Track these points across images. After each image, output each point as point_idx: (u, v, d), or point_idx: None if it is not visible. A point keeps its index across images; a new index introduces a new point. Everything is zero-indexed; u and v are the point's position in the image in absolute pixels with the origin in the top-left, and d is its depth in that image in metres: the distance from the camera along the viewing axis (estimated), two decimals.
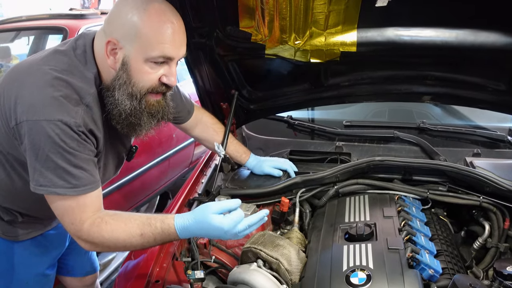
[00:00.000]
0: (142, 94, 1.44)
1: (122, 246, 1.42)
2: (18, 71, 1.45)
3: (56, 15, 4.28)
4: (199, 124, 2.10)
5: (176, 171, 4.40)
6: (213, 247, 1.77)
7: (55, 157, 1.32)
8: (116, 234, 1.39)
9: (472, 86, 2.07)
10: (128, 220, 1.41)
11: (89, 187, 1.39)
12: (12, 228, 1.67)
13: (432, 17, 1.83)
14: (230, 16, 1.89)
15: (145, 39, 1.36)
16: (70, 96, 1.37)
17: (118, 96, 1.43)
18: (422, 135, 2.49)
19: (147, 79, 1.42)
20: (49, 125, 1.30)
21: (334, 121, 2.66)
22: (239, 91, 2.28)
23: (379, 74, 2.13)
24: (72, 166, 1.35)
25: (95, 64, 1.45)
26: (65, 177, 1.34)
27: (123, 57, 1.40)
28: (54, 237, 1.85)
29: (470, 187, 1.91)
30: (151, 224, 1.41)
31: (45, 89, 1.34)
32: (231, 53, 2.06)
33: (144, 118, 1.48)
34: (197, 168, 2.32)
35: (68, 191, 1.35)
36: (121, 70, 1.41)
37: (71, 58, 1.44)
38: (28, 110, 1.32)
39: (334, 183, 2.01)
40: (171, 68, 1.45)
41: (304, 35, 1.92)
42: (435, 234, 1.75)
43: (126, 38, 1.38)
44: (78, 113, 1.36)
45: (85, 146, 1.39)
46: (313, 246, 1.68)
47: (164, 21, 1.38)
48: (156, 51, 1.38)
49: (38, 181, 1.35)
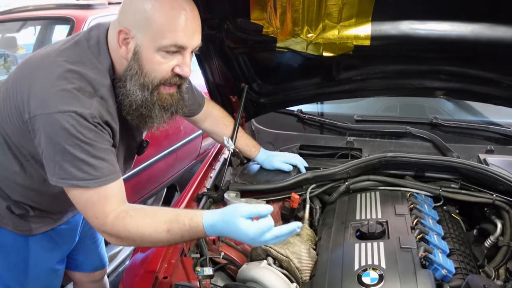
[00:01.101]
0: (154, 85, 1.41)
1: (148, 241, 1.38)
2: (31, 64, 1.44)
3: (63, 5, 4.25)
4: (209, 117, 2.07)
5: (183, 164, 4.39)
6: (222, 243, 1.75)
7: (73, 149, 1.30)
8: (142, 229, 1.35)
9: (486, 81, 2.03)
10: (154, 215, 1.38)
11: (110, 177, 1.37)
12: (23, 222, 1.66)
13: (447, 11, 1.79)
14: (241, 7, 1.86)
15: (156, 27, 1.34)
16: (84, 88, 1.35)
17: (129, 86, 1.41)
18: (434, 131, 2.45)
19: (159, 69, 1.39)
20: (63, 117, 1.28)
21: (345, 116, 2.62)
22: (249, 84, 2.25)
23: (392, 68, 2.10)
24: (91, 156, 1.32)
25: (109, 55, 1.43)
26: (85, 169, 1.32)
27: (134, 46, 1.37)
28: (64, 232, 1.84)
29: (483, 185, 1.87)
30: (179, 221, 1.36)
31: (58, 82, 1.32)
32: (242, 45, 2.04)
33: (155, 110, 1.45)
34: (205, 162, 2.29)
35: (89, 183, 1.33)
36: (132, 60, 1.39)
37: (84, 50, 1.42)
38: (42, 104, 1.31)
39: (345, 179, 1.98)
40: (184, 58, 1.41)
41: (317, 28, 1.88)
42: (447, 233, 1.72)
43: (137, 26, 1.35)
44: (92, 105, 1.35)
45: (102, 136, 1.37)
46: (324, 243, 1.65)
47: (175, 8, 1.35)
48: (167, 39, 1.35)
49: (59, 175, 1.34)
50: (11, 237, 1.66)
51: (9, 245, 1.68)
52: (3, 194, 1.60)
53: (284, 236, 1.38)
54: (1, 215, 1.63)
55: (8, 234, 1.65)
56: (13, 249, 1.69)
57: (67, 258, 1.94)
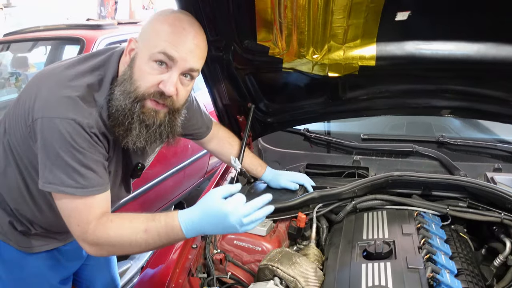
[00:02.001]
0: (137, 94, 1.40)
1: (128, 244, 1.38)
2: (42, 74, 1.49)
3: (73, 26, 4.33)
4: (215, 138, 2.09)
5: (191, 182, 4.40)
6: (229, 263, 1.75)
7: (65, 155, 1.33)
8: (121, 230, 1.37)
9: (493, 100, 2.03)
10: (132, 217, 1.40)
11: (97, 188, 1.39)
12: (25, 239, 1.67)
13: (452, 31, 1.80)
14: (248, 29, 1.88)
15: (153, 36, 1.40)
16: (86, 98, 1.38)
17: (117, 91, 1.43)
18: (441, 149, 2.45)
19: (145, 79, 1.40)
20: (61, 123, 1.32)
21: (351, 134, 2.63)
22: (256, 104, 2.27)
23: (398, 87, 2.10)
24: (82, 165, 1.35)
25: (118, 65, 1.48)
26: (74, 176, 1.34)
27: (134, 54, 1.43)
28: (69, 252, 1.85)
29: (491, 204, 1.86)
30: (155, 219, 1.37)
31: (63, 89, 1.37)
32: (248, 66, 2.05)
33: (134, 123, 1.43)
34: (213, 181, 2.31)
35: (76, 191, 1.35)
36: (128, 65, 1.43)
37: (93, 62, 1.47)
38: (44, 107, 1.35)
39: (352, 198, 1.98)
40: (171, 76, 1.41)
41: (322, 49, 1.90)
42: (455, 252, 1.71)
43: (142, 36, 1.44)
44: (92, 114, 1.38)
45: (96, 148, 1.39)
46: (331, 263, 1.65)
47: (177, 25, 1.41)
48: (158, 47, 1.38)
49: (47, 178, 1.36)
50: (14, 253, 1.68)
51: (13, 260, 1.69)
52: (7, 208, 1.62)
53: (261, 211, 1.40)
54: (4, 231, 1.65)
55: (11, 250, 1.67)
56: (16, 264, 1.70)
57: (76, 277, 1.95)
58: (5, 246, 1.66)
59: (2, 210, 1.63)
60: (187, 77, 1.46)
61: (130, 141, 1.46)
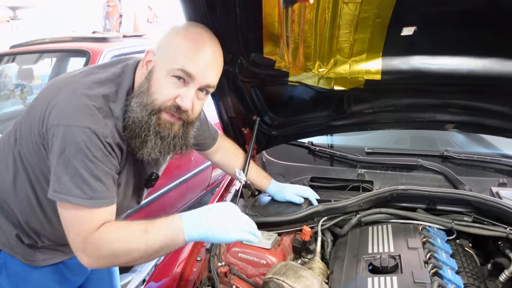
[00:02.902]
0: (154, 107, 1.42)
1: (126, 248, 1.37)
2: (56, 83, 1.49)
3: (79, 38, 4.37)
4: (220, 150, 2.10)
5: (194, 194, 4.40)
6: (234, 275, 1.75)
7: (77, 163, 1.32)
8: (120, 234, 1.37)
9: (497, 115, 2.04)
10: (131, 222, 1.41)
11: (104, 201, 1.38)
12: (32, 252, 1.66)
13: (458, 46, 1.82)
14: (254, 43, 1.89)
15: (173, 49, 1.42)
16: (103, 108, 1.39)
17: (133, 102, 1.44)
18: (445, 163, 2.45)
19: (162, 93, 1.42)
20: (77, 131, 1.32)
21: (355, 148, 2.63)
22: (261, 117, 2.27)
23: (403, 102, 2.11)
24: (92, 176, 1.34)
25: (133, 76, 1.49)
26: (82, 187, 1.34)
27: (152, 66, 1.44)
28: (74, 266, 1.83)
29: (497, 218, 1.86)
30: (156, 220, 1.39)
31: (80, 97, 1.37)
32: (254, 79, 2.06)
33: (151, 135, 1.45)
34: (217, 194, 2.31)
35: (82, 201, 1.34)
36: (146, 78, 1.44)
37: (108, 73, 1.49)
38: (61, 115, 1.35)
39: (357, 211, 1.98)
40: (189, 91, 1.43)
41: (328, 62, 1.91)
42: (461, 267, 1.70)
43: (160, 49, 1.45)
44: (107, 125, 1.39)
45: (109, 159, 1.39)
46: (336, 277, 1.64)
47: (197, 41, 1.43)
48: (177, 63, 1.40)
49: (54, 187, 1.36)
50: (20, 266, 1.66)
51: (18, 273, 1.68)
52: (14, 221, 1.61)
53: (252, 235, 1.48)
54: (10, 244, 1.64)
55: (17, 263, 1.66)
56: (21, 278, 1.69)
57: None
58: (11, 260, 1.65)
59: (10, 223, 1.62)
60: (203, 92, 1.49)
61: (145, 153, 1.47)
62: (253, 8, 1.72)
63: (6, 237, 1.63)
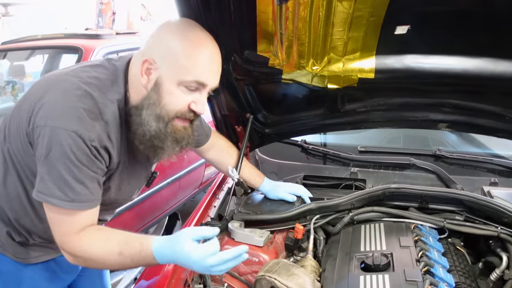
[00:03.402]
0: (169, 117, 1.44)
1: (101, 262, 1.41)
2: (46, 80, 1.48)
3: (71, 35, 4.34)
4: (214, 147, 2.09)
5: (186, 192, 4.38)
6: (226, 273, 1.74)
7: (60, 167, 1.32)
8: (95, 249, 1.40)
9: (490, 114, 2.05)
10: (108, 236, 1.42)
11: (86, 204, 1.39)
12: (23, 249, 1.65)
13: (451, 45, 1.82)
14: (248, 40, 1.89)
15: (182, 62, 1.39)
16: (91, 110, 1.37)
17: (145, 115, 1.43)
18: (438, 163, 2.46)
19: (176, 103, 1.43)
20: (63, 134, 1.31)
21: (348, 146, 2.63)
22: (254, 115, 2.27)
23: (396, 100, 2.12)
24: (75, 179, 1.34)
25: (125, 83, 1.46)
26: (65, 189, 1.34)
27: (157, 77, 1.41)
28: (65, 263, 1.81)
29: (488, 217, 1.87)
30: (130, 243, 1.39)
31: (68, 98, 1.35)
32: (248, 77, 2.06)
33: (168, 142, 1.47)
34: (209, 191, 2.30)
35: (63, 204, 1.35)
36: (152, 90, 1.42)
37: (100, 74, 1.46)
38: (48, 116, 1.34)
39: (349, 210, 1.98)
40: (201, 96, 1.46)
41: (322, 60, 1.91)
42: (452, 265, 1.71)
43: (163, 59, 1.40)
44: (94, 127, 1.37)
45: (94, 162, 1.38)
46: (329, 275, 1.64)
47: (203, 48, 1.41)
48: (190, 75, 1.39)
49: (38, 187, 1.36)
50: (11, 265, 1.65)
51: (9, 272, 1.67)
52: (5, 218, 1.60)
53: (232, 262, 1.36)
54: (1, 242, 1.62)
55: (8, 262, 1.65)
56: (12, 277, 1.68)
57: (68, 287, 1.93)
58: (1, 258, 1.64)
59: (0, 221, 1.61)
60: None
61: (163, 158, 1.53)
62: (247, 6, 1.71)
63: None
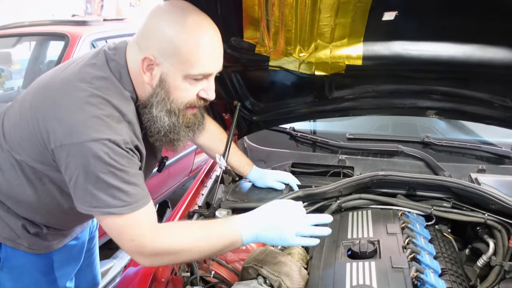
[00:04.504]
0: (180, 110, 1.43)
1: (188, 250, 1.40)
2: (51, 89, 1.39)
3: (58, 22, 4.30)
4: (206, 132, 2.05)
5: (176, 180, 4.38)
6: (213, 261, 1.74)
7: (107, 177, 1.28)
8: (182, 237, 1.40)
9: (478, 101, 2.05)
10: (189, 223, 1.51)
11: (142, 202, 1.36)
12: (38, 240, 1.64)
13: (439, 32, 1.81)
14: (234, 27, 1.87)
15: (184, 56, 1.34)
16: (112, 114, 1.33)
17: (156, 113, 1.41)
18: (426, 150, 2.46)
19: (185, 96, 1.41)
20: (96, 146, 1.26)
21: (337, 134, 2.63)
22: (242, 102, 2.26)
23: (384, 87, 2.11)
24: (125, 183, 1.31)
25: (130, 79, 1.42)
26: (119, 196, 1.30)
27: (160, 73, 1.37)
28: (74, 249, 1.84)
29: (475, 204, 1.88)
30: (214, 222, 1.48)
31: (86, 108, 1.30)
32: (235, 64, 2.04)
33: (182, 132, 1.47)
34: (197, 179, 2.29)
35: (122, 210, 1.31)
36: (158, 87, 1.38)
37: (106, 73, 1.39)
38: (71, 132, 1.28)
39: (337, 197, 1.98)
40: (209, 83, 1.43)
41: (309, 47, 1.90)
42: (439, 252, 1.72)
43: (163, 54, 1.35)
44: (123, 130, 1.34)
45: (134, 161, 1.36)
46: (315, 263, 1.64)
47: (202, 37, 1.36)
48: (196, 68, 1.36)
49: (90, 203, 1.31)
50: (25, 258, 1.64)
51: (23, 266, 1.65)
52: (16, 215, 1.58)
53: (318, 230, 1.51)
54: (16, 235, 1.60)
55: (22, 255, 1.63)
56: (26, 270, 1.66)
57: None
58: (13, 253, 1.62)
59: (13, 216, 1.58)
60: None
61: (179, 147, 1.54)
62: None
63: (10, 229, 1.58)
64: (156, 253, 1.37)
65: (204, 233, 1.42)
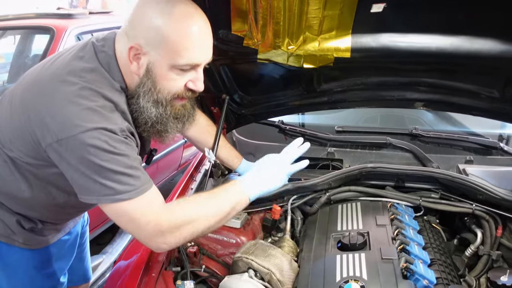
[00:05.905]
0: (167, 100, 1.41)
1: (203, 215, 1.42)
2: (41, 84, 1.37)
3: (43, 15, 4.22)
4: (196, 125, 2.04)
5: (164, 174, 4.36)
6: (204, 256, 1.74)
7: (109, 164, 1.27)
8: (191, 205, 1.43)
9: (465, 93, 2.06)
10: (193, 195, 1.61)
11: (149, 183, 1.36)
12: (33, 235, 1.62)
13: (427, 24, 1.81)
14: (222, 19, 1.85)
15: (171, 46, 1.32)
16: (105, 105, 1.32)
17: (143, 103, 1.39)
18: (414, 141, 2.48)
19: (173, 86, 1.39)
20: (94, 135, 1.25)
21: (325, 126, 2.64)
22: (230, 95, 2.24)
23: (372, 80, 2.11)
24: (128, 167, 1.30)
25: (119, 69, 1.40)
26: (126, 181, 1.29)
27: (147, 63, 1.35)
28: (67, 243, 1.84)
29: (463, 195, 1.90)
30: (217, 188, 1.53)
31: (78, 102, 1.28)
32: (223, 57, 2.02)
33: (170, 123, 1.46)
34: (186, 173, 2.28)
35: (132, 194, 1.30)
36: (145, 77, 1.37)
37: (95, 65, 1.38)
38: (66, 126, 1.26)
39: (326, 190, 1.99)
40: (197, 74, 1.41)
41: (297, 40, 1.88)
42: (428, 243, 1.74)
43: (150, 43, 1.33)
44: (117, 119, 1.33)
45: (132, 146, 1.36)
46: (306, 255, 1.65)
47: (190, 26, 1.33)
48: (183, 58, 1.34)
49: (99, 192, 1.29)
50: (18, 254, 1.62)
51: (18, 262, 1.63)
52: (10, 211, 1.56)
53: None
54: (11, 231, 1.58)
55: (15, 251, 1.61)
56: (20, 266, 1.65)
57: None
58: (8, 249, 1.60)
59: (8, 212, 1.56)
60: None
61: (168, 138, 1.52)
62: None
63: (4, 226, 1.57)
64: (174, 226, 1.36)
65: (213, 198, 1.46)
